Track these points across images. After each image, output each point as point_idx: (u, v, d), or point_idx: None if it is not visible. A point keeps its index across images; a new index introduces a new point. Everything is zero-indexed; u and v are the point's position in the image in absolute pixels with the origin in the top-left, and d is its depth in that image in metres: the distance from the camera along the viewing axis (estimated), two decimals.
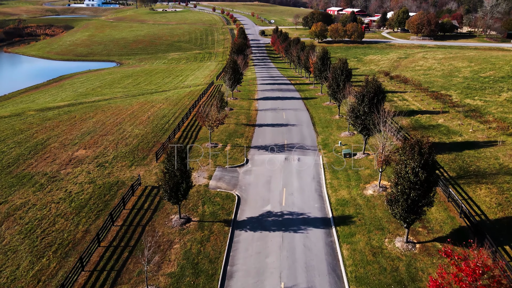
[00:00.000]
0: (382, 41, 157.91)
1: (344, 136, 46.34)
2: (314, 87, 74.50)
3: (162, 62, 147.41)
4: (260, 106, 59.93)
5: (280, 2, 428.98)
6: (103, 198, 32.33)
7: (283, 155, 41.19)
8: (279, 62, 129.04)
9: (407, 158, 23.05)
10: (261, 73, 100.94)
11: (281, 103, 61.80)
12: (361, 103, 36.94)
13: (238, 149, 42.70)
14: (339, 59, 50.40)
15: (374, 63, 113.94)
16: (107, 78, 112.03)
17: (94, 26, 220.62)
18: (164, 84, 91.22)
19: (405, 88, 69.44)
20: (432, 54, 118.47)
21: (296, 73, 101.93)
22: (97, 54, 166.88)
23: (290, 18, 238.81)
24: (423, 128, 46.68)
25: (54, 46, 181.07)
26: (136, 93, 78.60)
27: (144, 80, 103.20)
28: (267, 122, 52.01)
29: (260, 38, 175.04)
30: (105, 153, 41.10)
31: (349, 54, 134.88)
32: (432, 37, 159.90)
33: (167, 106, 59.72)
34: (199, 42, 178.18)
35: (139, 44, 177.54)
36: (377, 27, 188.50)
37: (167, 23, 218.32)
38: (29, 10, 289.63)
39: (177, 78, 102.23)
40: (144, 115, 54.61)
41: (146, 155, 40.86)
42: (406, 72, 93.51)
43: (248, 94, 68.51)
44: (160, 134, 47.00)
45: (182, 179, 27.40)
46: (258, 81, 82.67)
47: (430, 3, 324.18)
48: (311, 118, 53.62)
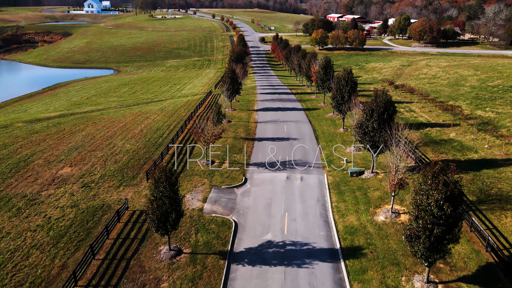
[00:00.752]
0: (384, 48, 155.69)
1: (349, 151, 43.24)
2: (316, 97, 71.61)
3: (160, 70, 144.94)
4: (260, 118, 56.93)
5: (280, 8, 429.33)
6: (85, 225, 29.12)
7: (284, 174, 38.04)
8: (279, 70, 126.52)
9: (430, 188, 19.92)
10: (261, 82, 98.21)
11: (282, 114, 58.82)
12: (370, 119, 33.90)
13: (236, 167, 39.57)
14: (343, 69, 47.53)
15: (377, 71, 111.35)
16: (103, 87, 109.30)
17: (92, 33, 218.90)
18: (161, 93, 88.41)
19: (411, 98, 66.53)
20: (435, 61, 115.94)
21: (297, 82, 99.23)
22: (94, 61, 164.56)
23: (290, 25, 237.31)
24: (434, 143, 43.60)
25: (52, 53, 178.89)
26: (131, 102, 75.70)
27: (140, 88, 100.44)
28: (268, 135, 48.95)
29: (260, 45, 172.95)
30: (92, 172, 37.95)
31: (350, 61, 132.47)
32: (434, 44, 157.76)
33: (162, 118, 56.71)
34: (198, 49, 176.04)
35: (137, 51, 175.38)
36: (378, 34, 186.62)
37: (166, 30, 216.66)
38: (28, 16, 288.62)
39: (174, 86, 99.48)
40: (137, 128, 51.57)
41: (136, 173, 37.71)
42: (410, 80, 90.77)
43: (247, 105, 65.57)
44: (152, 149, 43.89)
45: (172, 207, 24.24)
46: (258, 90, 79.85)
47: (431, 10, 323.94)
48: (314, 131, 50.58)
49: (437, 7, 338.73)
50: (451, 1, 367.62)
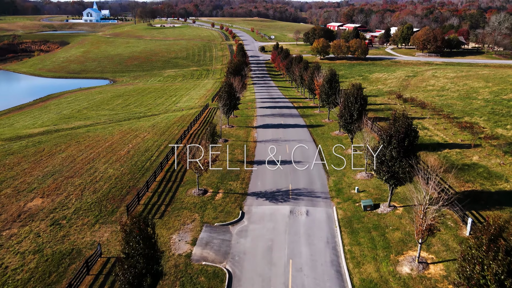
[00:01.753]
0: (387, 58, 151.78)
1: (360, 178, 38.27)
2: (320, 112, 66.87)
3: (157, 80, 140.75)
4: (259, 137, 52.07)
5: (280, 17, 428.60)
6: (47, 280, 23.99)
7: (287, 207, 33.02)
8: (280, 80, 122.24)
9: (485, 257, 14.90)
10: (260, 93, 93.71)
11: (284, 132, 53.97)
12: (388, 145, 29.01)
13: (232, 198, 34.56)
14: (352, 84, 42.86)
15: (381, 82, 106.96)
16: (96, 98, 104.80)
17: (89, 42, 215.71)
18: (155, 106, 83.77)
19: (423, 113, 61.77)
20: (442, 72, 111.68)
21: (298, 93, 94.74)
22: (90, 71, 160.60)
23: (290, 33, 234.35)
24: (457, 168, 38.66)
25: (47, 63, 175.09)
26: (123, 117, 70.95)
27: (135, 100, 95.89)
28: (268, 158, 44.03)
29: (260, 55, 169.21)
30: (65, 204, 32.92)
31: (353, 71, 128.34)
32: (438, 54, 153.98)
33: (153, 136, 51.84)
34: (197, 58, 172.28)
35: (134, 60, 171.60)
36: (381, 43, 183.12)
37: (164, 39, 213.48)
38: (25, 25, 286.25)
39: (170, 98, 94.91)
40: (123, 149, 46.67)
41: (117, 207, 32.67)
42: (418, 92, 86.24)
43: (246, 121, 60.79)
44: (138, 175, 38.92)
45: (148, 269, 19.19)
46: (258, 104, 75.18)
47: (432, 19, 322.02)
48: (319, 153, 45.68)
49: (438, 16, 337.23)
50: (452, 10, 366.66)
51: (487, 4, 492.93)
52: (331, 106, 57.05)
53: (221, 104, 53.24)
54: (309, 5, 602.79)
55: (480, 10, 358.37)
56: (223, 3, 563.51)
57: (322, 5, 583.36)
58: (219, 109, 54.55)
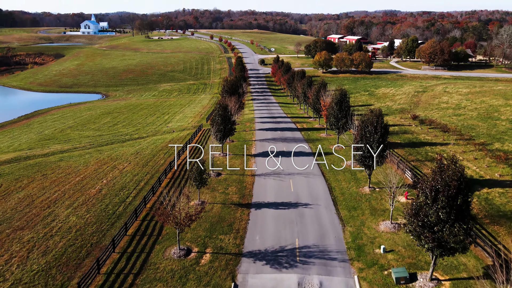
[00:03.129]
0: (392, 71, 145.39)
1: (385, 230, 30.48)
2: (326, 135, 59.32)
3: (151, 95, 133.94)
4: (258, 168, 44.39)
5: (280, 29, 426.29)
6: None
7: (294, 276, 25.14)
8: (281, 96, 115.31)
9: None
10: (260, 111, 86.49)
11: (287, 162, 46.33)
12: (433, 204, 21.30)
13: (223, 261, 26.71)
14: (370, 110, 35.47)
15: (389, 98, 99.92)
16: (84, 116, 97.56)
17: (85, 54, 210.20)
18: (144, 126, 76.35)
19: (444, 137, 54.22)
20: (453, 87, 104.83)
21: (301, 111, 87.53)
22: (83, 85, 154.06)
23: (291, 46, 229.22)
24: (505, 217, 30.86)
25: (39, 76, 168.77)
26: (106, 140, 63.38)
27: (124, 119, 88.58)
28: (268, 198, 36.27)
29: (259, 68, 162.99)
30: (2, 274, 25.02)
31: (358, 86, 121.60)
32: (445, 67, 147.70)
33: (133, 168, 44.18)
34: (194, 71, 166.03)
35: (129, 74, 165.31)
36: (385, 55, 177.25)
37: (161, 51, 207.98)
38: (22, 38, 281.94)
39: (162, 117, 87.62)
40: (95, 186, 38.94)
41: (68, 279, 24.74)
42: (431, 110, 79.01)
43: (243, 146, 53.20)
44: (106, 226, 31.10)
45: None
46: (257, 124, 67.74)
47: (433, 31, 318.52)
48: (329, 191, 37.93)
49: (440, 28, 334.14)
50: (453, 22, 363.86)
51: (486, 16, 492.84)
52: (341, 131, 49.55)
53: (214, 129, 45.81)
54: (309, 17, 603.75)
55: (482, 22, 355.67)
56: (223, 16, 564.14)
57: (321, 17, 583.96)
58: (212, 135, 47.03)
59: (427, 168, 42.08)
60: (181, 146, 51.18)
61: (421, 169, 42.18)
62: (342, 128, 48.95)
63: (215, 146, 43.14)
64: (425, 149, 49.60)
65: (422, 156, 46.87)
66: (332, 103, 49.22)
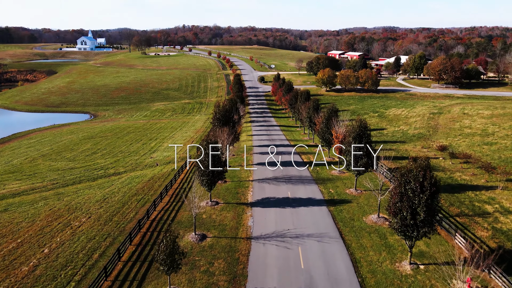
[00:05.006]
0: (400, 90, 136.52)
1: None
2: (339, 172, 49.00)
3: (143, 115, 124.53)
4: (256, 226, 33.98)
5: (280, 45, 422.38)
6: None
7: None
8: (282, 117, 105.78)
9: None
10: (259, 136, 76.67)
11: (294, 216, 35.94)
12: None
13: None
14: (412, 158, 25.45)
15: (402, 120, 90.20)
16: (63, 141, 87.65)
17: (77, 71, 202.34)
18: (125, 157, 66.23)
19: (487, 178, 43.92)
20: (472, 108, 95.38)
21: (305, 136, 77.70)
22: (71, 104, 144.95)
23: (291, 62, 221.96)
24: None
25: (26, 95, 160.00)
26: (74, 177, 53.05)
27: (106, 145, 78.60)
28: (270, 284, 25.73)
29: (259, 86, 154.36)
30: None
31: (365, 106, 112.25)
32: (456, 85, 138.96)
33: (91, 226, 33.76)
34: (190, 89, 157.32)
35: (121, 92, 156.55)
36: (391, 72, 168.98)
37: (157, 68, 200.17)
38: (16, 54, 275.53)
39: (148, 143, 77.64)
40: (31, 259, 28.43)
41: None
42: (455, 137, 69.10)
43: (237, 189, 42.93)
44: None
45: None
46: (255, 156, 57.61)
47: (436, 47, 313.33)
48: (354, 268, 27.42)
49: (442, 44, 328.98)
50: (456, 38, 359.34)
51: (486, 32, 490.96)
52: (361, 172, 39.41)
53: (199, 174, 35.71)
54: (309, 33, 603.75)
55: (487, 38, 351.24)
56: (222, 32, 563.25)
57: (321, 33, 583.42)
58: (196, 179, 36.86)
59: (481, 229, 31.69)
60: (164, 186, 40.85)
61: (474, 231, 31.76)
62: (363, 166, 38.79)
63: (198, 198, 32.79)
64: (468, 195, 39.29)
65: (467, 207, 36.54)
66: (349, 138, 39.24)
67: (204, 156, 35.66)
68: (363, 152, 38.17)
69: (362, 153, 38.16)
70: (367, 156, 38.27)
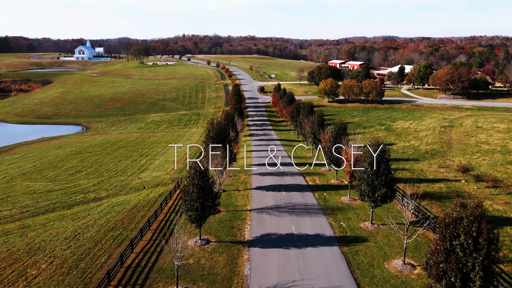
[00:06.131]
0: (405, 100, 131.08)
1: None
2: (350, 200, 42.82)
3: (137, 127, 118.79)
4: (254, 276, 27.65)
5: (280, 55, 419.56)
6: None
7: None
8: (283, 130, 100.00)
9: None
10: (259, 152, 70.74)
11: (300, 261, 29.72)
12: None
13: None
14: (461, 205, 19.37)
15: (412, 134, 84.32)
16: (48, 156, 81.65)
17: (73, 81, 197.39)
18: (111, 177, 60.10)
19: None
20: (484, 121, 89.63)
21: (308, 152, 71.71)
22: (63, 115, 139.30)
23: (291, 71, 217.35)
24: None
25: (18, 105, 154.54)
26: (48, 204, 46.84)
27: (92, 162, 72.55)
28: None
29: (259, 96, 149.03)
30: None
31: (370, 118, 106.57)
32: (464, 96, 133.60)
33: (51, 275, 27.51)
34: (187, 100, 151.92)
35: (116, 102, 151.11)
36: (396, 82, 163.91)
37: (154, 77, 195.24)
38: (12, 63, 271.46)
39: (138, 160, 71.60)
40: None
41: None
42: (472, 155, 63.09)
43: (232, 222, 36.72)
44: None
45: None
46: (254, 178, 51.51)
47: (438, 57, 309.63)
48: None
49: (444, 54, 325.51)
50: (457, 47, 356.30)
51: (486, 41, 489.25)
52: (378, 203, 33.32)
53: (186, 207, 29.67)
54: (309, 43, 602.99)
55: (490, 48, 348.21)
56: (222, 41, 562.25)
57: (321, 42, 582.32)
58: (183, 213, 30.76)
59: None
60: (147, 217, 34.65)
61: None
62: (379, 200, 32.74)
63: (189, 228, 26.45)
64: (507, 232, 33.09)
65: (509, 248, 30.33)
66: (364, 163, 33.23)
67: (192, 187, 29.63)
68: (382, 181, 32.15)
69: (379, 182, 32.13)
70: (386, 186, 32.23)
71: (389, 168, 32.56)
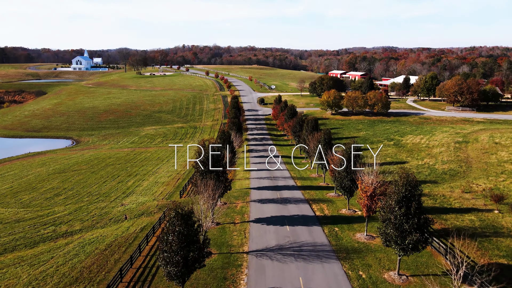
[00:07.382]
0: (412, 113, 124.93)
1: None
2: (367, 239, 35.88)
3: (130, 141, 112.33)
4: None
5: (280, 65, 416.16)
6: None
7: None
8: (284, 145, 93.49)
9: None
10: (258, 173, 64.12)
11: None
12: None
13: None
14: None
15: (424, 151, 77.72)
16: (29, 176, 74.93)
17: (67, 92, 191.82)
18: (92, 202, 53.26)
19: None
20: (501, 136, 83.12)
21: (313, 171, 65.04)
22: (53, 128, 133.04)
23: (292, 82, 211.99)
24: None
25: (8, 118, 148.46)
26: (8, 241, 39.93)
27: (75, 183, 65.80)
28: None
29: (258, 108, 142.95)
30: None
31: (377, 132, 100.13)
32: (473, 108, 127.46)
33: None
34: (184, 112, 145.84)
35: (110, 115, 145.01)
36: (401, 94, 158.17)
37: (151, 88, 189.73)
38: (7, 74, 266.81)
39: (125, 182, 64.84)
40: None
41: None
42: (497, 177, 56.37)
43: (224, 275, 29.81)
44: None
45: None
46: (252, 207, 44.70)
47: (440, 67, 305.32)
48: None
49: (446, 64, 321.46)
50: (459, 58, 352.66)
51: (487, 52, 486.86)
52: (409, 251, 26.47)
53: (163, 261, 22.94)
54: (309, 53, 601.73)
55: (493, 58, 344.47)
56: (222, 51, 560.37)
57: (321, 53, 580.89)
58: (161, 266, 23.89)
59: None
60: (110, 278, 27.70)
61: None
62: (410, 248, 25.92)
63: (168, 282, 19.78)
64: None
65: None
66: (390, 201, 26.54)
67: (171, 235, 22.90)
68: (414, 224, 25.40)
69: (410, 226, 25.39)
70: (419, 230, 25.47)
71: (421, 207, 25.88)
